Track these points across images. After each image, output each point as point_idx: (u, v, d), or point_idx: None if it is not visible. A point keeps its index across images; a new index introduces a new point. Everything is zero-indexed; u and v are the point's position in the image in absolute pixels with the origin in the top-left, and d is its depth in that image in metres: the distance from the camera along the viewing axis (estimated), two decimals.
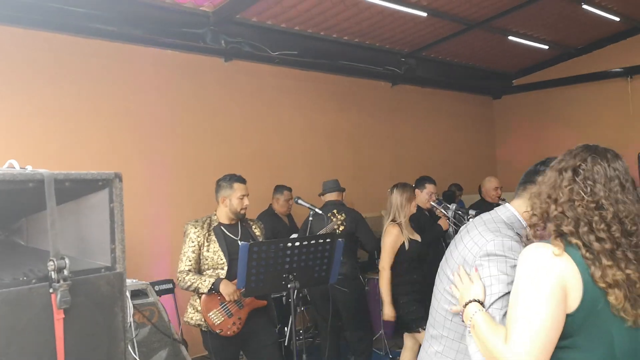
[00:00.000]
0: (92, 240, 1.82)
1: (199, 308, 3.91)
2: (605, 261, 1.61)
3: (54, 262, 1.63)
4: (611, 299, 1.61)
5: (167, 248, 5.93)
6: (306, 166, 7.54)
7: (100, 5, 5.35)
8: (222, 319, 3.86)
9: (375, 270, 6.11)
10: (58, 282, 1.64)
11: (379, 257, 4.84)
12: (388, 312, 4.51)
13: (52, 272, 1.64)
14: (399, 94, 9.06)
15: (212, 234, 3.98)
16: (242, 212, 4.05)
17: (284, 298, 5.63)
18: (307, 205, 4.82)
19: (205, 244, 3.95)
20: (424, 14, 7.13)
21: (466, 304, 1.89)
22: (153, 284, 4.87)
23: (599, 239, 1.64)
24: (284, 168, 7.26)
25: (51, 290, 1.64)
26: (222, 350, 3.95)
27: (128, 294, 3.54)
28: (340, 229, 4.71)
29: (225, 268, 3.90)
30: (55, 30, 5.39)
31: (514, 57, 9.78)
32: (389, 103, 8.96)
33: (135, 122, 6.02)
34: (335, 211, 4.87)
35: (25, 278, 1.63)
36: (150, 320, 3.68)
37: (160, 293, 5.09)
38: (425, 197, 5.58)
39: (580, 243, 1.65)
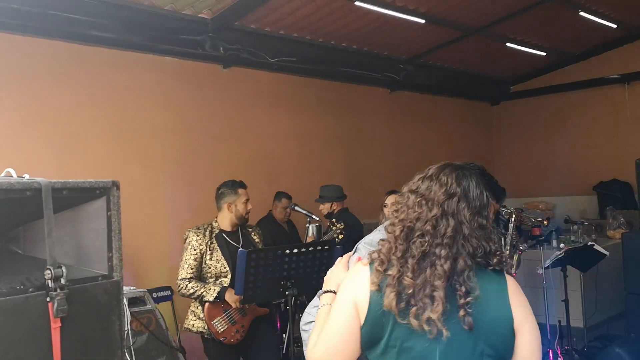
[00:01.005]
0: (89, 248, 1.82)
1: (201, 315, 3.93)
2: None
3: (50, 270, 1.64)
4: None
5: (165, 254, 5.92)
6: (305, 172, 7.55)
7: (99, 13, 5.35)
8: (226, 326, 3.88)
9: None
10: (55, 290, 1.64)
11: None
12: None
13: (49, 281, 1.64)
14: (398, 100, 9.08)
15: (215, 241, 4.00)
16: (247, 216, 4.11)
17: (282, 305, 5.63)
18: (304, 212, 4.83)
19: (208, 252, 3.96)
20: (422, 21, 7.16)
21: (323, 292, 1.88)
22: (151, 291, 4.85)
23: None
24: (283, 174, 7.27)
25: (48, 299, 1.64)
26: (224, 357, 3.97)
27: (125, 301, 3.54)
28: (340, 237, 4.71)
29: (229, 276, 3.92)
30: (54, 37, 5.40)
31: (512, 64, 9.81)
32: (387, 109, 8.98)
33: (134, 128, 6.03)
34: (334, 220, 4.89)
35: (22, 287, 1.63)
36: (148, 328, 3.68)
37: (158, 300, 5.07)
38: None
39: None
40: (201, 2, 5.85)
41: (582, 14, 7.91)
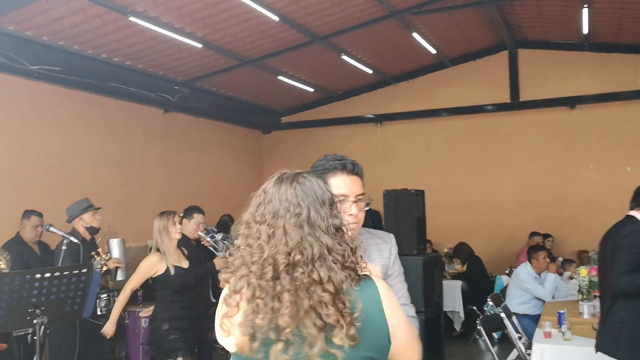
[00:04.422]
0: None
1: None
2: None
3: None
4: None
5: None
6: (67, 190, 6.96)
7: None
8: None
9: (137, 302, 5.88)
10: None
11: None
12: (109, 328, 4.50)
13: None
14: (171, 121, 8.97)
15: None
16: None
17: (29, 336, 5.07)
18: (60, 233, 4.45)
19: None
20: (200, 45, 7.23)
21: None
22: None
23: None
24: (37, 191, 6.61)
25: None
26: None
27: None
28: (104, 269, 4.47)
29: None
30: None
31: (284, 96, 10.40)
32: (160, 130, 8.80)
33: None
34: (100, 250, 4.63)
35: None
36: None
37: None
38: (192, 227, 5.56)
39: None
40: None
41: (343, 57, 8.76)
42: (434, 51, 9.25)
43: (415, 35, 8.45)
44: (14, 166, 6.45)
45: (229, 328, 1.52)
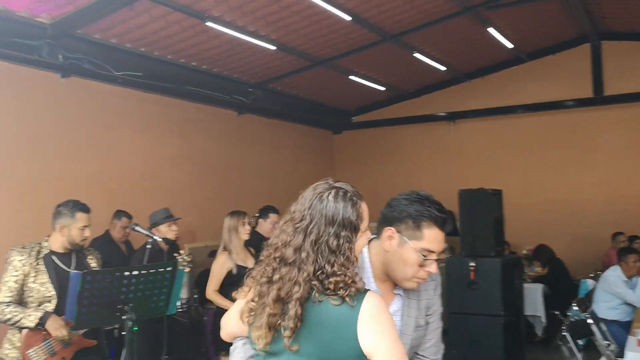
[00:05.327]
0: None
1: (18, 344, 3.54)
2: None
3: None
4: None
5: None
6: (148, 191, 7.25)
7: None
8: (43, 357, 3.51)
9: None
10: None
11: None
12: None
13: None
14: (245, 123, 9.14)
15: (42, 263, 3.62)
16: (82, 243, 3.76)
17: (116, 331, 5.31)
18: (145, 232, 4.62)
19: (32, 274, 3.57)
20: (273, 48, 7.33)
21: None
22: None
23: None
24: (123, 192, 6.91)
25: None
26: None
27: None
28: (187, 270, 4.62)
29: (54, 302, 3.56)
30: None
31: (354, 95, 10.39)
32: (234, 132, 8.99)
33: None
34: (182, 251, 4.79)
35: None
36: None
37: None
38: (268, 226, 5.66)
39: None
40: (39, 4, 5.43)
41: (415, 54, 8.64)
42: (510, 46, 8.97)
43: (490, 30, 8.22)
44: (100, 168, 6.76)
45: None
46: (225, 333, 2.02)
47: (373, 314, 1.63)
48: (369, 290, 1.69)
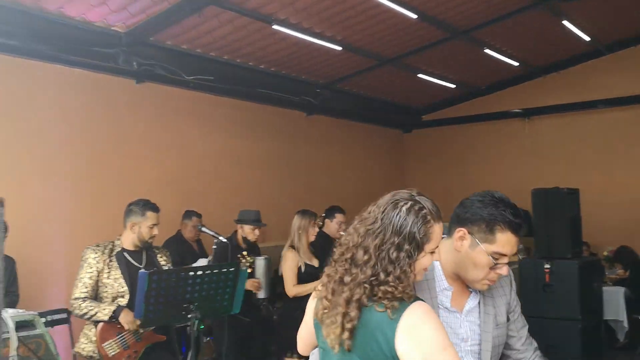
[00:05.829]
0: None
1: (93, 338, 3.72)
2: None
3: None
4: None
5: (62, 275, 5.62)
6: (217, 192, 7.45)
7: (2, 18, 5.09)
8: (117, 350, 3.69)
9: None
10: None
11: None
12: None
13: None
14: (314, 124, 9.20)
15: (114, 260, 3.81)
16: (150, 240, 3.93)
17: (188, 328, 5.48)
18: (211, 233, 4.74)
19: (106, 270, 3.77)
20: (339, 48, 7.33)
21: None
22: (45, 314, 4.59)
23: None
24: (194, 194, 7.13)
25: None
26: None
27: (12, 325, 3.33)
28: (248, 271, 4.71)
29: (127, 297, 3.75)
30: None
31: (423, 94, 10.22)
32: (303, 132, 9.07)
33: (35, 141, 5.73)
34: (245, 253, 4.90)
35: None
36: (37, 354, 3.46)
37: (53, 323, 4.79)
38: (335, 226, 5.67)
39: None
40: (114, 14, 5.69)
41: (487, 51, 8.39)
42: (587, 38, 8.53)
43: (565, 22, 7.85)
44: (174, 170, 7.01)
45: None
46: (302, 343, 2.10)
47: (412, 325, 1.63)
48: (418, 299, 1.69)
